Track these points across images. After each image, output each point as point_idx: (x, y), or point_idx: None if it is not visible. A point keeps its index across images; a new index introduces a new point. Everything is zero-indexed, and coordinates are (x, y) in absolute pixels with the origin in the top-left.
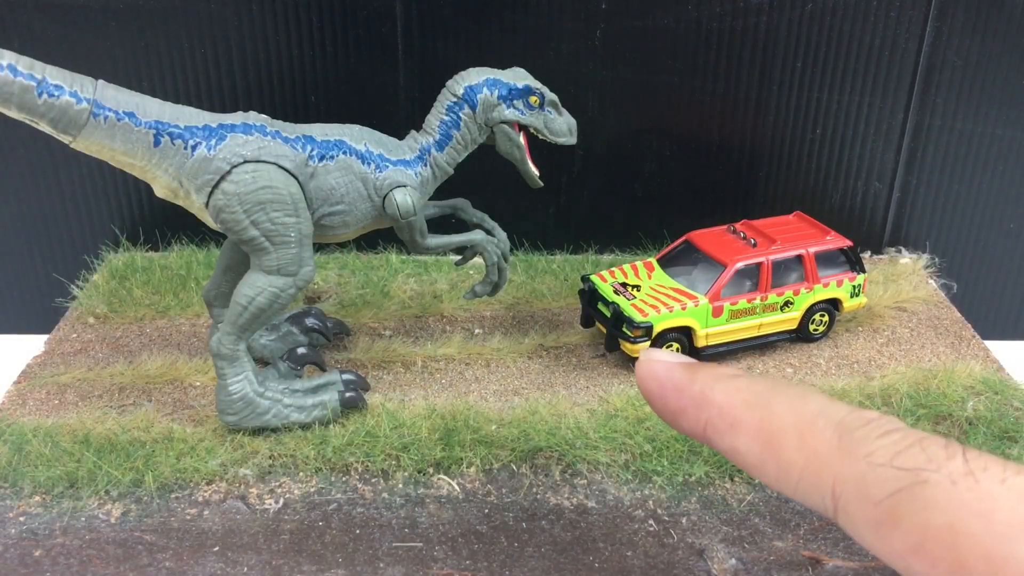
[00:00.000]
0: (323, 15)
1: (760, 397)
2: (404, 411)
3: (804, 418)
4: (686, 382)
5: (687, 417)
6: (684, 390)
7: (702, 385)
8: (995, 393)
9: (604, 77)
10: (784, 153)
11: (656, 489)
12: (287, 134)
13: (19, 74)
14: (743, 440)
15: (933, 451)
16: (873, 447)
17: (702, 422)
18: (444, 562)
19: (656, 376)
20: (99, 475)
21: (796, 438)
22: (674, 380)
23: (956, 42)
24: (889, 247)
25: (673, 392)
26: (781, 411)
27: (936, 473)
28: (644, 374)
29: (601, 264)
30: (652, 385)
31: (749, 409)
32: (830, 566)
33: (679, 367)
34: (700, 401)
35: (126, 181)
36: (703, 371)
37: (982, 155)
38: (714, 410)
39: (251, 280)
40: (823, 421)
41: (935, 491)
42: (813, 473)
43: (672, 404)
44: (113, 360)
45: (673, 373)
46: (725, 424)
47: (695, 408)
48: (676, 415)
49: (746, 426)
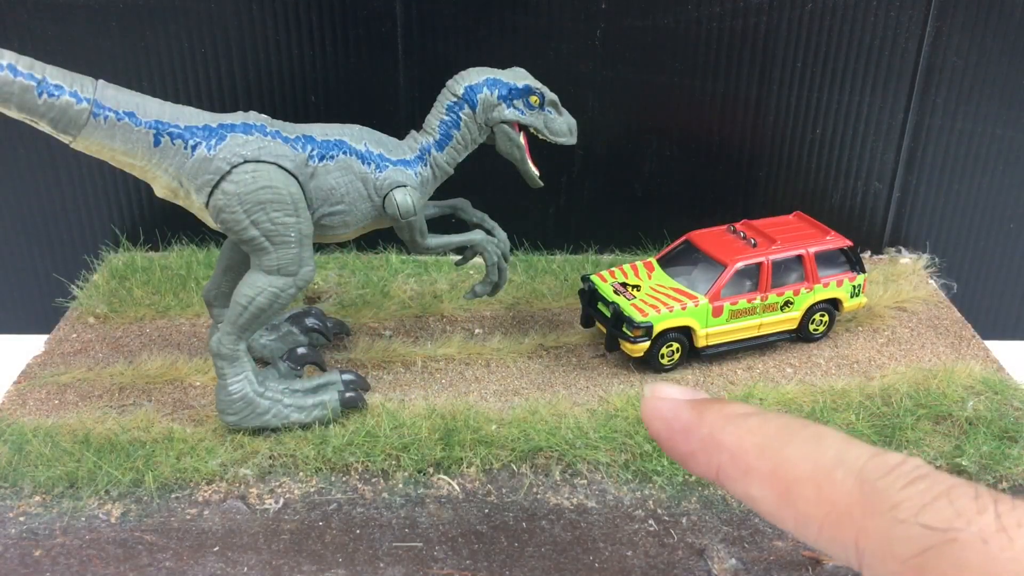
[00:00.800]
0: (323, 15)
1: (773, 441)
2: (404, 411)
3: (821, 466)
4: (695, 423)
5: (698, 461)
6: (693, 432)
7: (711, 427)
8: (995, 393)
9: (604, 77)
10: (784, 153)
11: (656, 489)
12: (287, 134)
13: (19, 74)
14: (757, 488)
15: (962, 504)
16: (897, 499)
17: (714, 467)
18: (444, 562)
19: (663, 417)
20: (99, 475)
21: (814, 489)
22: (682, 421)
23: (956, 42)
24: (889, 247)
25: (681, 434)
26: (796, 458)
27: (966, 530)
28: (650, 414)
29: (601, 264)
30: (659, 427)
31: (762, 455)
32: (830, 566)
33: (686, 406)
34: (710, 445)
35: (126, 181)
36: (711, 410)
37: (982, 155)
38: (725, 455)
39: (251, 280)
40: (842, 471)
41: (965, 551)
42: (833, 527)
43: (681, 448)
44: (113, 360)
45: (680, 413)
46: (738, 471)
47: (705, 452)
48: (686, 458)
49: (760, 474)
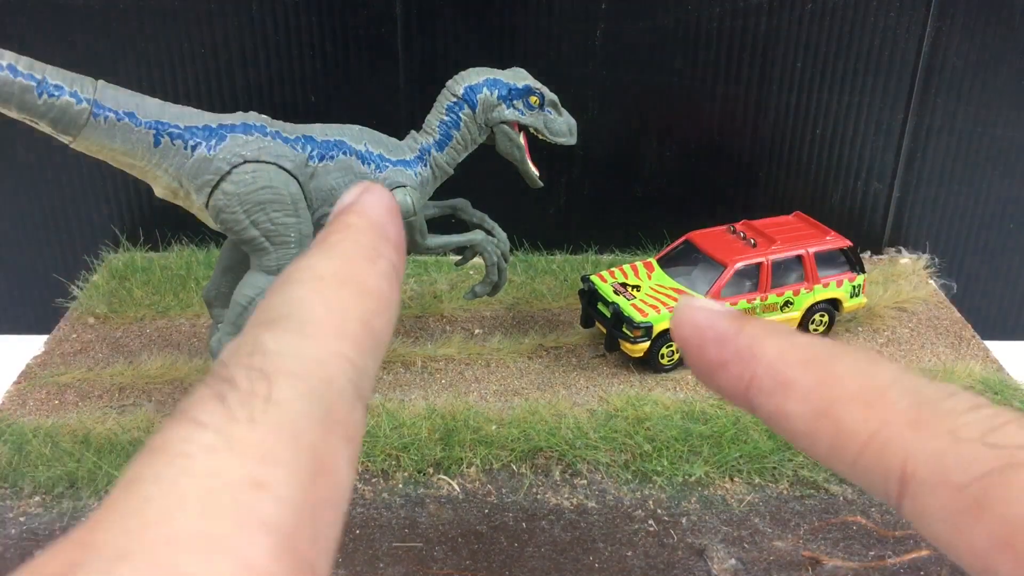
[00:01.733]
0: (323, 15)
1: (820, 356)
2: (404, 411)
3: (874, 383)
4: (732, 332)
5: (728, 372)
6: (728, 341)
7: (751, 338)
8: (995, 393)
9: (604, 77)
10: (784, 153)
11: (656, 489)
12: (287, 134)
13: (19, 74)
14: (794, 403)
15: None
16: (961, 421)
17: (745, 379)
18: (444, 562)
19: (696, 323)
20: (99, 475)
21: (862, 405)
22: (717, 329)
23: (956, 42)
24: (889, 247)
25: (714, 342)
26: (845, 374)
27: None
28: (682, 320)
29: (601, 264)
30: (690, 333)
31: (806, 368)
32: (830, 566)
33: (724, 315)
34: (746, 355)
35: (126, 181)
36: (753, 322)
37: (982, 155)
38: (762, 366)
39: (251, 280)
40: (897, 390)
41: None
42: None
43: (712, 356)
44: (113, 360)
45: (717, 321)
46: (774, 383)
47: (739, 362)
48: (715, 369)
49: (800, 387)
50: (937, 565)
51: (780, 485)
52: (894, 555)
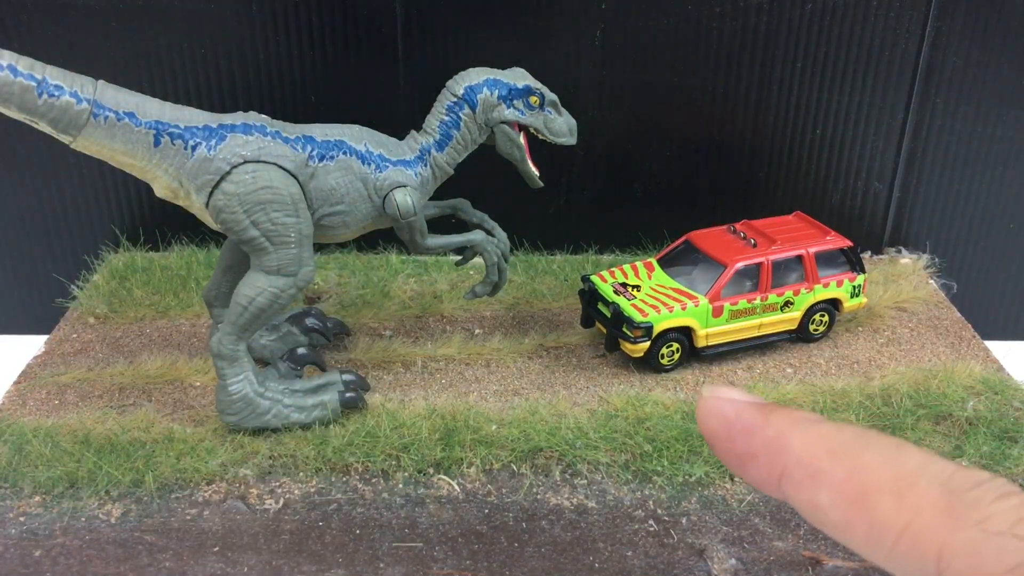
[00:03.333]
0: (323, 15)
1: (848, 447)
2: (404, 411)
3: (903, 474)
4: (759, 424)
5: (758, 464)
6: (756, 433)
7: (778, 429)
8: (995, 393)
9: (604, 77)
10: (784, 153)
11: (656, 489)
12: (287, 134)
13: (19, 74)
14: (826, 495)
15: None
16: (989, 512)
17: (776, 471)
18: (444, 562)
19: (724, 415)
20: (99, 475)
21: (893, 497)
22: (744, 421)
23: (956, 42)
24: (889, 247)
25: (743, 435)
26: (874, 465)
27: None
28: (709, 412)
29: (601, 264)
30: (717, 425)
31: (835, 459)
32: (830, 566)
33: (750, 407)
34: (775, 447)
35: (126, 181)
36: (779, 413)
37: (982, 155)
38: (792, 458)
39: (251, 280)
40: (926, 480)
41: None
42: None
43: (740, 448)
44: (113, 360)
45: (744, 413)
46: (805, 475)
47: (769, 455)
48: (744, 461)
49: (831, 479)
50: None
51: None
52: None
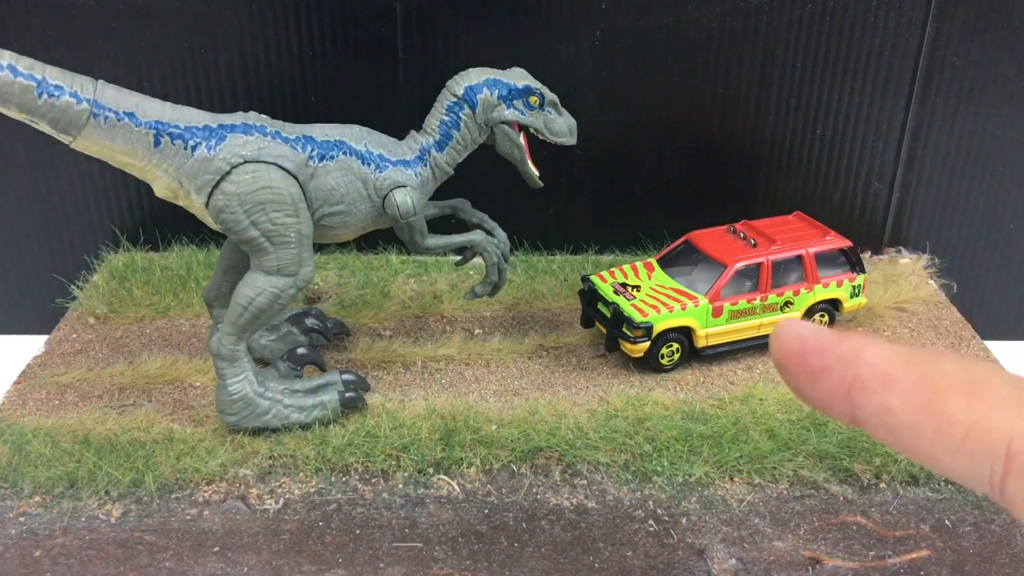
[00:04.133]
0: (323, 15)
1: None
2: (404, 411)
3: (976, 376)
4: (833, 342)
5: (830, 376)
6: (830, 348)
7: (853, 345)
8: None
9: (604, 77)
10: (784, 153)
11: (656, 489)
12: (287, 134)
13: (19, 74)
14: (897, 397)
15: None
16: None
17: (847, 380)
18: (444, 562)
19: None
20: (99, 475)
21: (966, 394)
22: (820, 340)
23: (956, 42)
24: (889, 247)
25: (816, 350)
26: (948, 368)
27: None
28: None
29: (601, 264)
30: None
31: (909, 366)
32: (830, 566)
33: (825, 329)
34: (850, 358)
35: (126, 181)
36: (854, 334)
37: (982, 155)
38: (865, 367)
39: (251, 280)
40: (998, 379)
41: None
42: (983, 430)
43: (814, 363)
44: (113, 360)
45: (819, 333)
46: (878, 381)
47: (841, 366)
48: (816, 374)
49: (904, 382)
50: (937, 565)
51: (780, 485)
52: (894, 555)
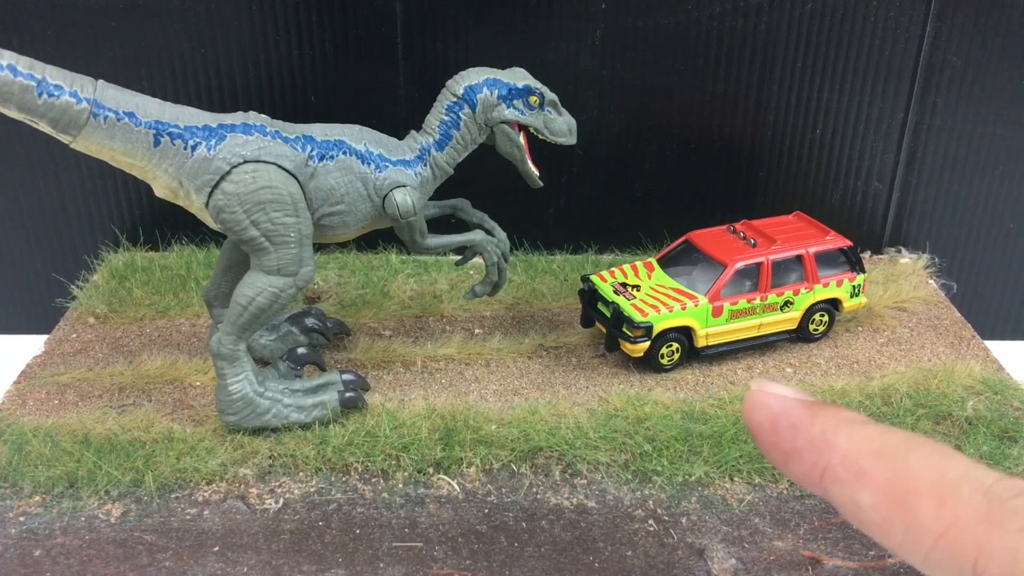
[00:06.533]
0: (323, 15)
1: (893, 449)
2: (404, 411)
3: (946, 479)
4: (805, 421)
5: (802, 460)
6: (802, 430)
7: (824, 427)
8: (995, 393)
9: (604, 77)
10: (784, 153)
11: (656, 489)
12: (287, 134)
13: (19, 74)
14: (868, 494)
15: None
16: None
17: (819, 468)
18: (444, 562)
19: (770, 410)
20: (99, 475)
21: (935, 501)
22: (791, 417)
23: (956, 42)
24: (889, 247)
25: (788, 430)
26: (918, 467)
27: None
28: (755, 405)
29: (601, 264)
30: (763, 419)
31: (879, 460)
32: (830, 566)
33: (797, 403)
34: (820, 444)
35: (126, 181)
36: (825, 411)
37: (982, 155)
38: (836, 456)
39: (251, 280)
40: (969, 486)
41: None
42: (951, 542)
43: (786, 444)
44: (113, 360)
45: (791, 409)
46: (848, 473)
47: (813, 452)
48: (788, 456)
49: (874, 479)
50: None
51: (780, 485)
52: (894, 555)
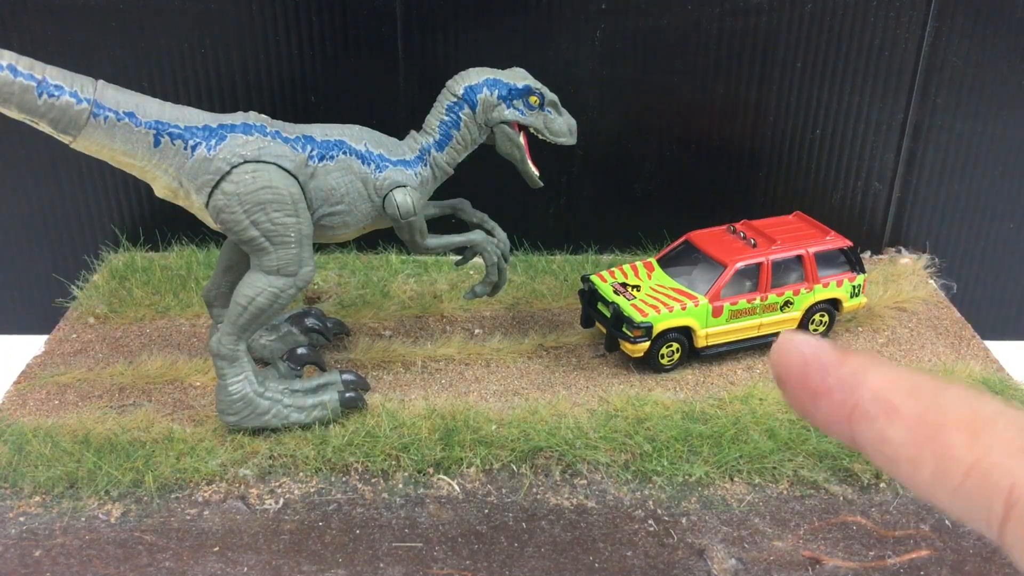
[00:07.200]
0: (323, 15)
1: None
2: (404, 411)
3: (980, 415)
4: (835, 362)
5: (830, 399)
6: (831, 370)
7: (855, 367)
8: (995, 393)
9: (604, 77)
10: (784, 153)
11: (656, 489)
12: (287, 134)
13: (19, 74)
14: (898, 429)
15: None
16: None
17: (848, 405)
18: (444, 562)
19: (800, 352)
20: (99, 475)
21: (968, 433)
22: (821, 359)
23: (956, 42)
24: (889, 247)
25: (818, 370)
26: (952, 403)
27: None
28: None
29: (601, 264)
30: (794, 360)
31: (912, 396)
32: (830, 566)
33: (828, 347)
34: (851, 382)
35: (126, 181)
36: (856, 355)
37: (982, 155)
38: (867, 393)
39: (251, 280)
40: (1004, 421)
41: None
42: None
43: (814, 383)
44: (113, 360)
45: (821, 351)
46: (879, 409)
47: (842, 390)
48: (816, 396)
49: (905, 414)
50: (937, 565)
51: (780, 485)
52: (894, 555)
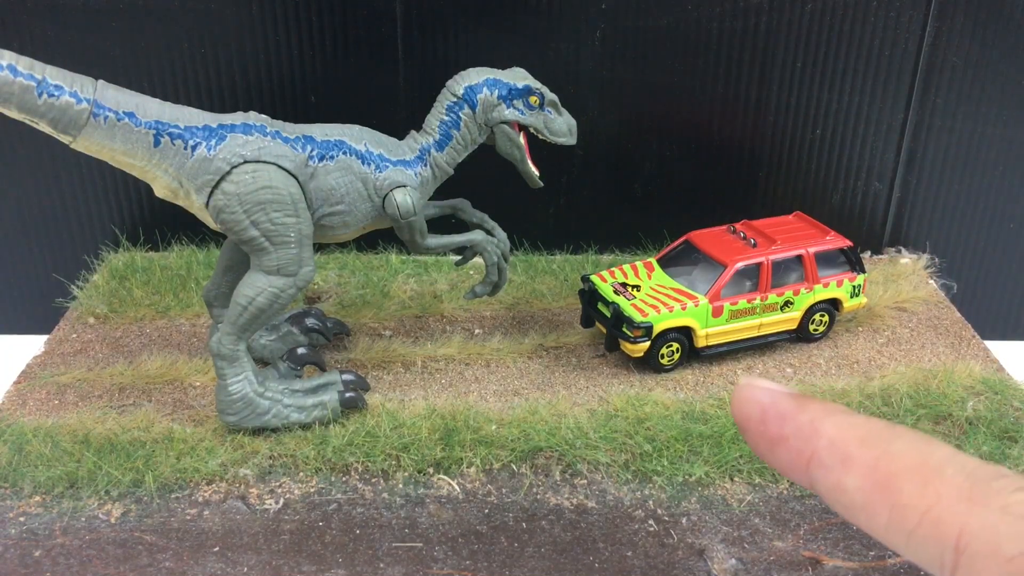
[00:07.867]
0: (323, 15)
1: (878, 436)
2: (404, 411)
3: (929, 462)
4: (793, 410)
5: (788, 448)
6: (789, 419)
7: (812, 416)
8: (995, 393)
9: (604, 77)
10: (784, 153)
11: (656, 489)
12: (287, 134)
13: (19, 74)
14: (853, 478)
15: None
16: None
17: (806, 454)
18: (444, 562)
19: (759, 401)
20: (99, 475)
21: (919, 482)
22: (779, 408)
23: (956, 42)
24: (889, 247)
25: (776, 419)
26: (903, 452)
27: None
28: (744, 397)
29: (601, 264)
30: (752, 410)
31: (865, 446)
32: (830, 566)
33: (785, 395)
34: (808, 432)
35: (126, 181)
36: (813, 403)
37: (982, 155)
38: (823, 443)
39: (251, 280)
40: (952, 468)
41: None
42: (934, 522)
43: (773, 432)
44: (113, 360)
45: (779, 400)
46: (834, 459)
47: (800, 439)
48: (775, 444)
49: (859, 463)
50: None
51: (780, 485)
52: (894, 555)
